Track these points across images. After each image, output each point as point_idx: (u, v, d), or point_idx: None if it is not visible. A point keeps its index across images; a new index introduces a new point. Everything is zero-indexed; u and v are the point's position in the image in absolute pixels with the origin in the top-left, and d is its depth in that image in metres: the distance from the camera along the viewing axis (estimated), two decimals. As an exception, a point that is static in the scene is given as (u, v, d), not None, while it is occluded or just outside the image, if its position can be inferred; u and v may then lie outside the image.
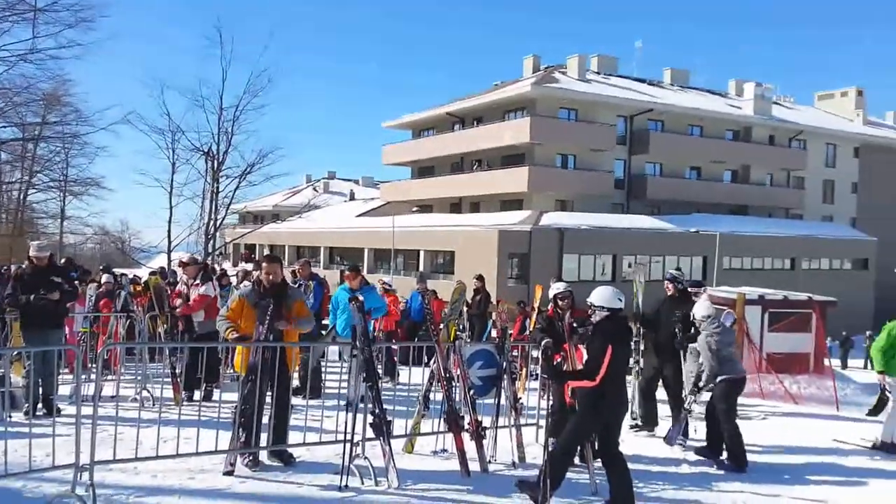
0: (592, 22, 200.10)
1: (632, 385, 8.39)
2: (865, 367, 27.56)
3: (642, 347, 8.88)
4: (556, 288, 7.18)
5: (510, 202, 38.68)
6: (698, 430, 7.83)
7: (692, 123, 42.69)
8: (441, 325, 6.83)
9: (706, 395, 7.66)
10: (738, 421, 9.19)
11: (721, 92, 50.58)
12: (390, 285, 13.12)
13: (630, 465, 6.67)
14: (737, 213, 43.11)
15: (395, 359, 11.74)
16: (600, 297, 5.64)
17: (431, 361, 7.01)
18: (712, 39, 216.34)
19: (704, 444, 7.44)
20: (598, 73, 45.00)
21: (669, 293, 8.93)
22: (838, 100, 55.15)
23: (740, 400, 10.81)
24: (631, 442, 7.80)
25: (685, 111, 42.00)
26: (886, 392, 8.29)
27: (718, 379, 7.29)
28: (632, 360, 8.39)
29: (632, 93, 41.83)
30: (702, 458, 7.31)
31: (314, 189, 66.50)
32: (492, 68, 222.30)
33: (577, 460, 6.66)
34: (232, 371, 8.89)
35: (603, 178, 39.31)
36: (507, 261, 33.31)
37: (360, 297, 7.08)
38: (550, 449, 5.53)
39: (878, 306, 39.87)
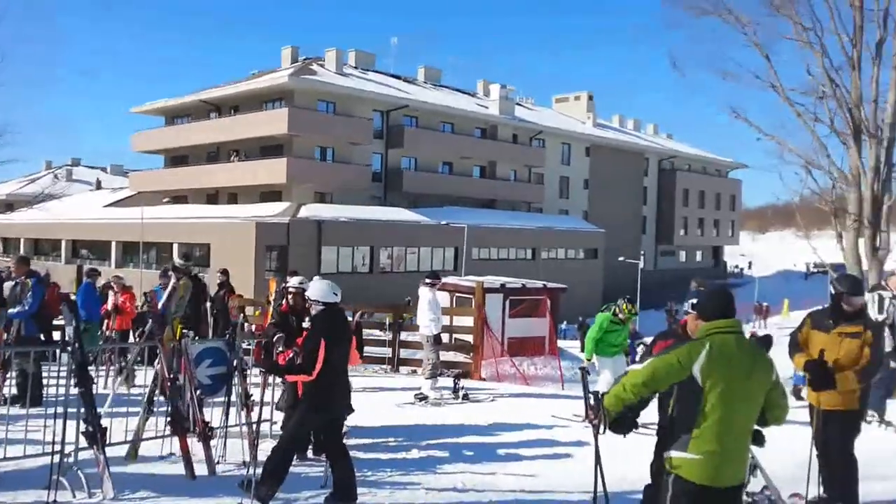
0: (348, 10, 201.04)
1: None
2: (582, 350, 30.61)
3: None
4: (291, 282, 7.16)
5: (269, 194, 37.83)
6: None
7: (444, 120, 44.73)
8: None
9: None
10: (471, 404, 9.87)
11: (470, 92, 53.45)
12: (121, 278, 12.19)
13: (361, 454, 6.88)
14: (485, 207, 45.89)
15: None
16: (316, 291, 5.67)
17: (156, 362, 6.66)
18: (463, 41, 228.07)
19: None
20: (355, 67, 45.48)
21: None
22: (572, 103, 60.86)
23: (475, 385, 11.63)
24: (368, 431, 8.01)
25: (438, 108, 43.84)
26: (595, 372, 9.29)
27: None
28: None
29: (388, 88, 42.85)
30: (432, 442, 7.71)
31: (55, 176, 60.01)
32: (249, 57, 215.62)
33: (310, 454, 6.73)
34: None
35: (361, 171, 39.83)
36: (265, 253, 32.58)
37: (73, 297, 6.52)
38: (275, 444, 5.52)
39: (605, 292, 44.74)
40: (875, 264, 16.39)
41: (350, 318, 7.88)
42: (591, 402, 4.00)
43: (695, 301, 4.24)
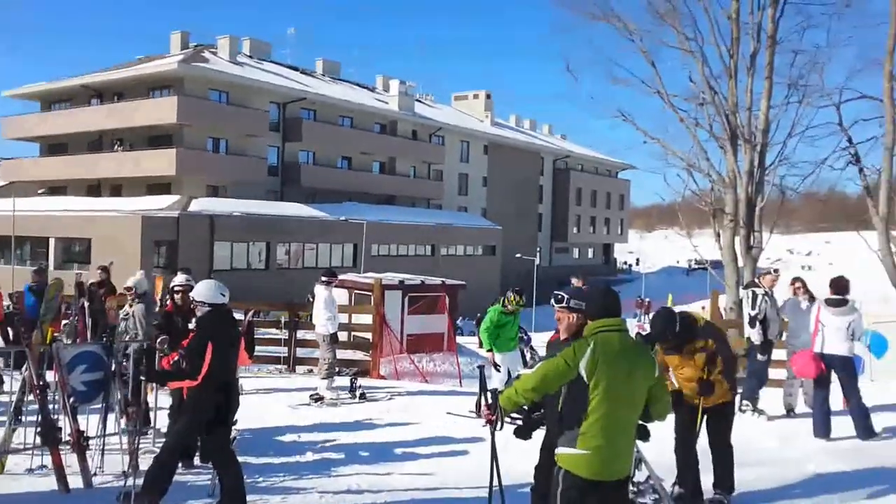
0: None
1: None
2: (480, 345, 31.11)
3: None
4: (176, 280, 6.83)
5: (157, 186, 36.23)
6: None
7: (343, 115, 44.22)
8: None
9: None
10: (368, 404, 9.75)
11: (369, 86, 53.12)
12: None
13: (252, 459, 6.65)
14: (385, 203, 45.71)
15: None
16: (201, 291, 5.43)
17: (23, 368, 6.20)
18: (361, 34, 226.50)
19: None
20: (250, 56, 44.26)
21: None
22: (471, 101, 61.57)
23: (373, 383, 11.52)
24: (260, 435, 7.78)
25: (337, 102, 43.27)
26: (497, 366, 9.37)
27: None
28: None
29: (285, 80, 41.93)
30: (327, 443, 7.56)
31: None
32: (135, 42, 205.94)
33: (197, 461, 6.43)
34: None
35: (256, 164, 38.81)
36: (152, 249, 31.16)
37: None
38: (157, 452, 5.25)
39: (503, 288, 45.51)
40: (749, 261, 17.33)
41: (241, 318, 7.61)
42: (489, 399, 4.09)
43: (560, 296, 4.31)
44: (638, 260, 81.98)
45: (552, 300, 4.34)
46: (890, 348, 10.82)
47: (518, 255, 48.52)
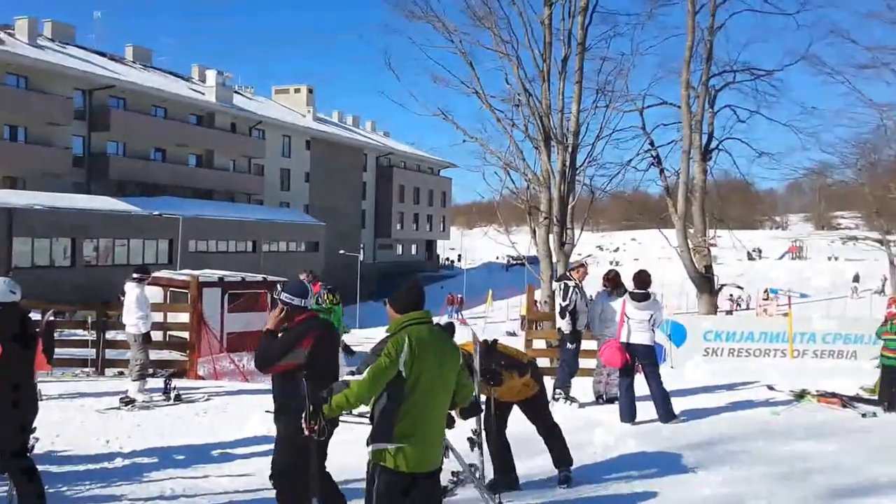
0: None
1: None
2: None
3: None
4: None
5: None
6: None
7: (156, 104, 41.81)
8: None
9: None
10: (184, 406, 9.36)
11: (185, 76, 50.61)
12: None
13: (55, 468, 6.19)
14: (203, 198, 43.77)
15: None
16: None
17: None
18: (175, 22, 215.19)
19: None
20: (52, 39, 40.59)
21: None
22: (293, 95, 60.39)
23: (190, 384, 11.05)
24: (64, 442, 7.22)
25: (149, 91, 40.78)
26: None
27: None
28: None
29: (91, 65, 38.86)
30: (139, 448, 7.18)
31: None
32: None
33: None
34: None
35: (59, 154, 35.71)
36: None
37: None
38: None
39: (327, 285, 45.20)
40: (562, 256, 18.43)
41: (39, 318, 7.01)
42: (310, 410, 4.04)
43: (278, 290, 4.51)
44: (460, 256, 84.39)
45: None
46: (688, 337, 12.00)
47: (341, 252, 48.37)
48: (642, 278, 8.18)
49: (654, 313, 8.12)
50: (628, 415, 8.02)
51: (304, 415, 4.05)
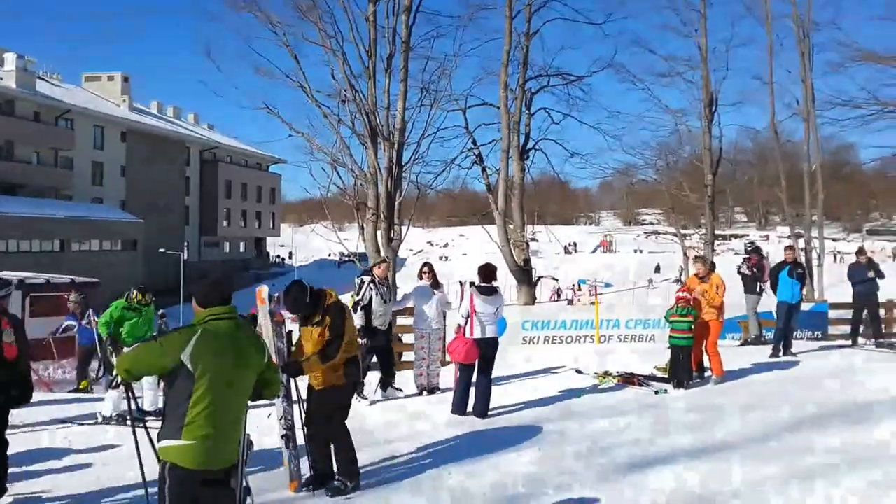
0: None
1: None
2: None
3: None
4: None
5: None
6: None
7: (-58, 88, 37.54)
8: None
9: None
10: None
11: (-22, 58, 45.76)
12: None
13: None
14: (4, 193, 39.93)
15: None
16: None
17: None
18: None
19: None
20: None
21: None
22: (106, 83, 56.32)
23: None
24: None
25: (-67, 73, 36.58)
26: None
27: None
28: None
29: None
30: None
31: None
32: None
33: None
34: None
35: None
36: None
37: None
38: None
39: (146, 285, 42.73)
40: (390, 252, 18.65)
41: None
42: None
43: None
44: (291, 253, 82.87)
45: None
46: (507, 328, 12.58)
47: (162, 250, 45.86)
48: (488, 271, 8.05)
49: (499, 306, 8.13)
50: (460, 407, 8.02)
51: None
